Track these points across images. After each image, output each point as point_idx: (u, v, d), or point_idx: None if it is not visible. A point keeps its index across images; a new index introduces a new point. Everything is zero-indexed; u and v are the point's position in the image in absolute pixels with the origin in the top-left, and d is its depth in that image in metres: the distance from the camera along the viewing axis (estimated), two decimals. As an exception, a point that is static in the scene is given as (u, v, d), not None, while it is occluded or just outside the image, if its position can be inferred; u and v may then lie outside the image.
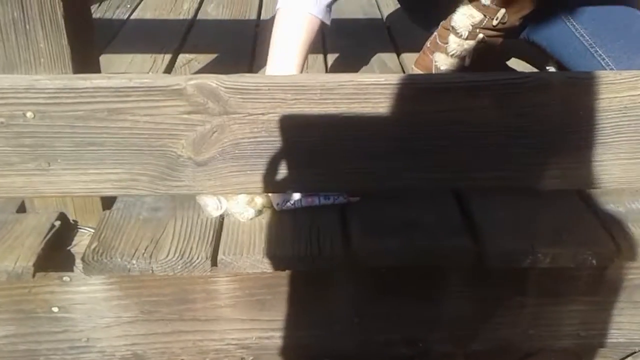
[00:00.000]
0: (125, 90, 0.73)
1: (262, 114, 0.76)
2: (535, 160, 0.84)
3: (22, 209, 0.87)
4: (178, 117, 0.75)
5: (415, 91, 0.76)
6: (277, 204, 0.86)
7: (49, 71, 0.74)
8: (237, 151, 0.79)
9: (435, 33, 1.19)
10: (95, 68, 0.83)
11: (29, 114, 0.73)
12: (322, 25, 1.03)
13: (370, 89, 0.75)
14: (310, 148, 0.79)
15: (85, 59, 0.78)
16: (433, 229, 0.83)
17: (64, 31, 0.71)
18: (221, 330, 0.93)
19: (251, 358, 0.98)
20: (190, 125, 0.76)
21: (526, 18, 1.16)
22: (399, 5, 1.82)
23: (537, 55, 1.30)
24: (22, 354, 0.92)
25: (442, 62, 1.20)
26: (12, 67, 0.74)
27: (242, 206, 0.86)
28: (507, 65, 1.36)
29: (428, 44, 1.21)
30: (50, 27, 0.71)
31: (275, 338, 0.95)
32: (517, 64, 1.37)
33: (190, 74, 0.95)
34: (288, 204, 0.86)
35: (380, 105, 0.76)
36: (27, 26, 0.71)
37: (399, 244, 0.80)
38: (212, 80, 0.74)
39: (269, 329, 0.94)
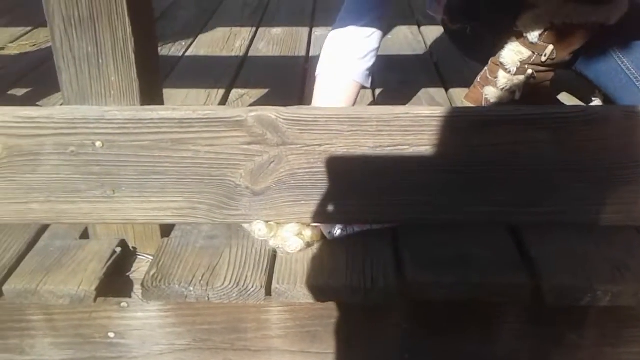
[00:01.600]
0: (188, 121, 0.76)
1: (319, 145, 0.78)
2: (592, 195, 0.83)
3: (85, 235, 0.90)
4: (238, 148, 0.78)
5: (471, 124, 0.77)
6: (329, 233, 0.87)
7: (118, 103, 0.78)
8: (293, 181, 0.81)
9: (485, 68, 1.20)
10: (159, 100, 0.87)
11: (98, 143, 0.77)
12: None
13: (426, 122, 0.76)
14: (365, 179, 0.80)
15: (151, 92, 0.81)
16: (488, 263, 0.82)
17: (134, 65, 0.75)
18: (271, 361, 0.93)
19: (299, 391, 0.98)
20: (249, 155, 0.78)
21: (578, 51, 1.16)
22: (446, 42, 1.85)
23: (584, 87, 1.29)
24: (78, 378, 0.95)
25: (492, 96, 1.20)
26: (83, 99, 0.78)
27: (290, 238, 0.86)
28: (557, 99, 1.35)
29: (478, 78, 1.22)
30: (122, 61, 0.75)
31: (324, 371, 0.94)
32: (567, 98, 1.36)
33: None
34: (339, 231, 0.87)
35: (435, 137, 0.77)
36: (100, 60, 0.75)
37: (454, 278, 0.79)
38: (272, 112, 0.76)
39: (318, 361, 0.93)
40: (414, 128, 0.77)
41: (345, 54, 1.03)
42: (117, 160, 0.78)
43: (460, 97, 1.39)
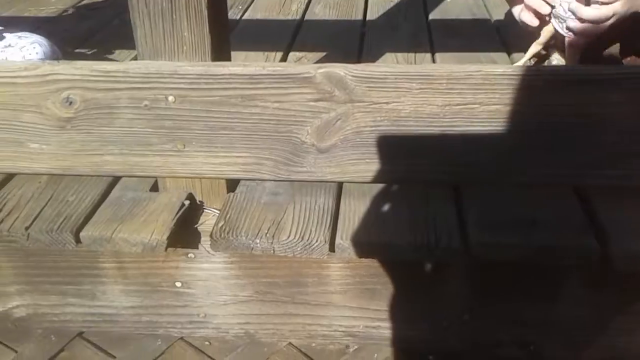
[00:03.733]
0: (258, 77, 0.77)
1: (386, 102, 0.78)
2: (667, 160, 0.80)
3: (154, 188, 0.93)
4: (305, 104, 0.78)
5: (544, 83, 0.75)
6: None
7: (190, 59, 0.79)
8: (358, 139, 0.81)
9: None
10: (227, 57, 0.88)
11: (170, 98, 0.79)
12: None
13: (497, 80, 0.75)
14: (431, 138, 0.80)
15: (220, 49, 0.83)
16: (555, 225, 0.81)
17: (207, 21, 0.76)
18: (330, 316, 0.95)
19: (355, 346, 1.00)
20: (316, 112, 0.79)
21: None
22: (507, 6, 1.78)
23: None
24: (144, 324, 0.99)
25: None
26: (157, 54, 0.80)
27: None
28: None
29: None
30: (195, 17, 0.77)
31: (381, 328, 0.96)
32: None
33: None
34: None
35: (506, 96, 0.76)
36: (174, 16, 0.77)
37: (520, 239, 0.79)
38: (340, 69, 0.76)
39: (376, 318, 0.95)
40: (485, 86, 0.75)
41: None
42: (188, 115, 0.80)
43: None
